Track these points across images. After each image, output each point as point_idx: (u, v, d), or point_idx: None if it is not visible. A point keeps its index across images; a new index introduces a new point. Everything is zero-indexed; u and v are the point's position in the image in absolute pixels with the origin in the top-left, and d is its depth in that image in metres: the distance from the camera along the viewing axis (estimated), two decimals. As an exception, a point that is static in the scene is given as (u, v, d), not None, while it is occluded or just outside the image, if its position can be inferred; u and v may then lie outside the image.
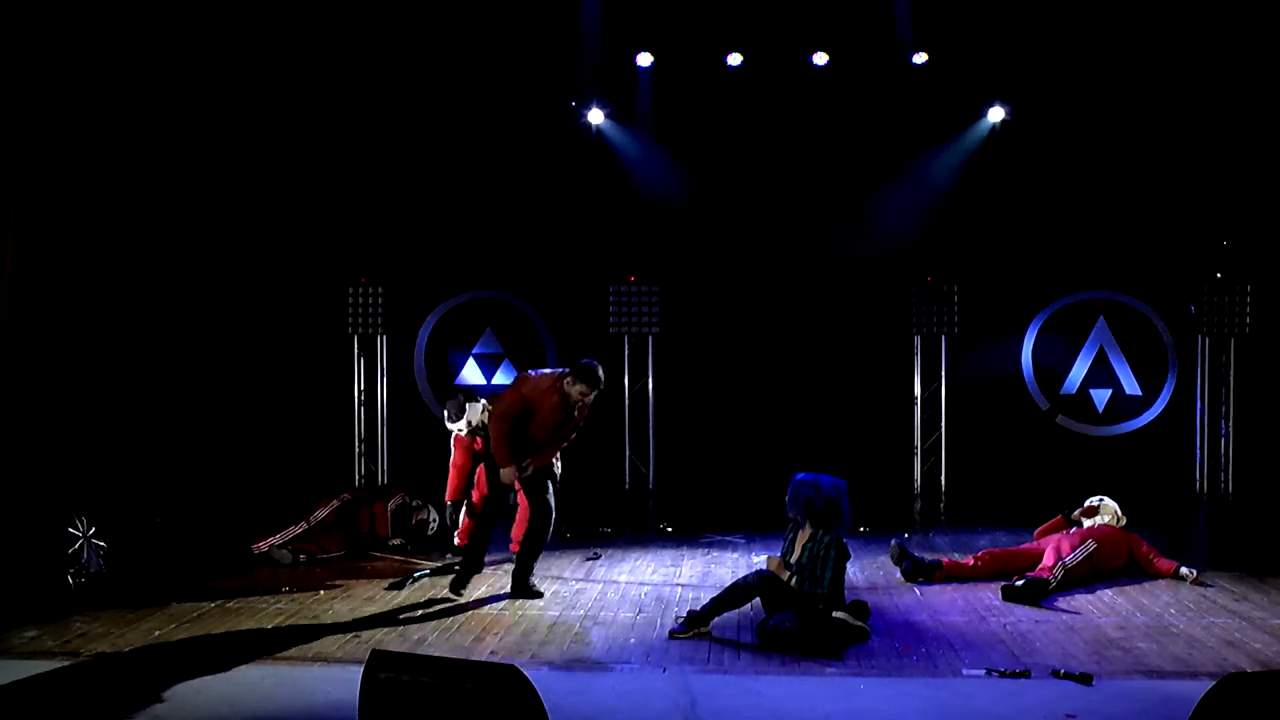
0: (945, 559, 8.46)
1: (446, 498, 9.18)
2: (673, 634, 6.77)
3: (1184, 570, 8.18)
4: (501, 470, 7.70)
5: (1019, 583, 7.68)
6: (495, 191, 13.28)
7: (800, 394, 13.31)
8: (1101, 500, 8.73)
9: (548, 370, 7.94)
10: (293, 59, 12.31)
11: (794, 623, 6.53)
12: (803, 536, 7.00)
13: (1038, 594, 7.60)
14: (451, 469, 9.15)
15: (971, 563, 8.34)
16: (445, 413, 9.19)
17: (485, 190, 13.29)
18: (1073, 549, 8.06)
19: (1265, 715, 3.31)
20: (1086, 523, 8.56)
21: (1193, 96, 12.43)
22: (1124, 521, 8.61)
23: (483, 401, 9.00)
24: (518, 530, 9.01)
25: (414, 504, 9.81)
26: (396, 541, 9.50)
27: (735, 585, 6.91)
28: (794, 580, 6.84)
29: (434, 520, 9.87)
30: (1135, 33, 12.22)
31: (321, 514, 9.29)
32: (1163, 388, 13.41)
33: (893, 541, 8.61)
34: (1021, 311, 13.53)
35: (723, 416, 13.34)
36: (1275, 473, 12.55)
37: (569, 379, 7.66)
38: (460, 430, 9.05)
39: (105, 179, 11.16)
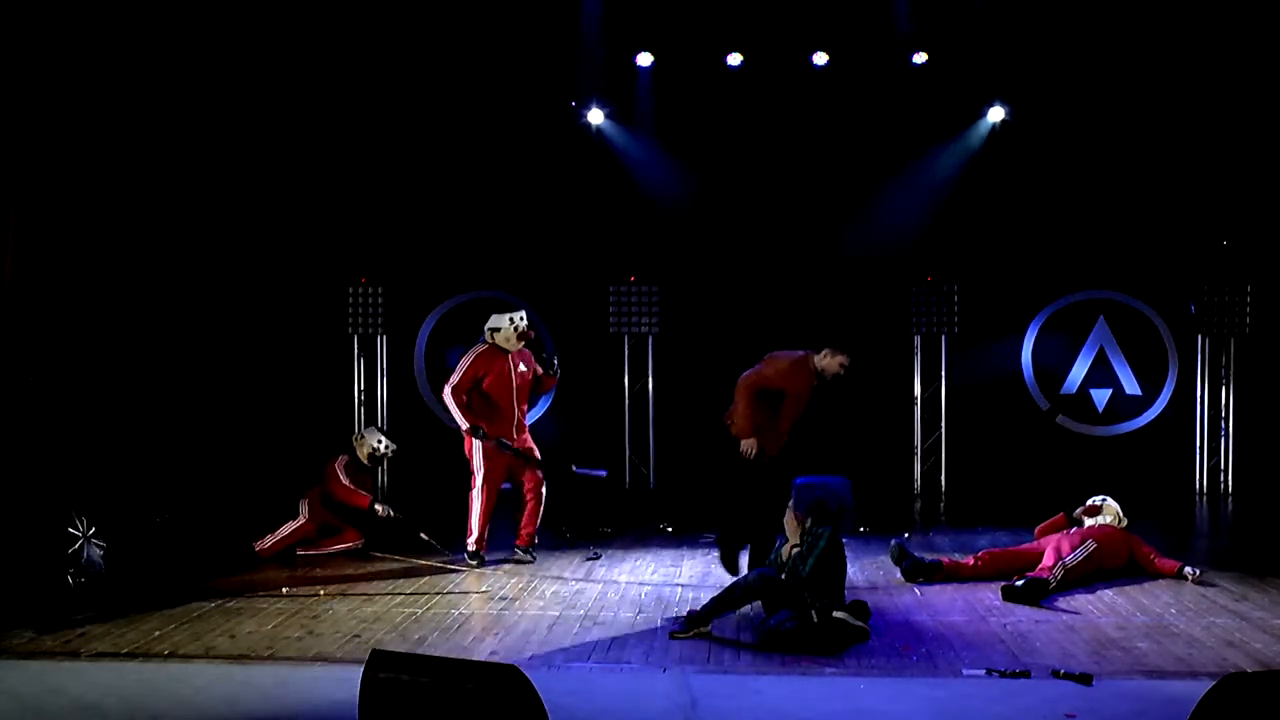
0: (945, 559, 8.46)
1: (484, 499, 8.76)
2: (673, 634, 6.76)
3: (1187, 570, 8.17)
4: (744, 441, 7.69)
5: (1019, 583, 7.68)
6: (495, 191, 13.29)
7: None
8: (1103, 500, 8.73)
9: (792, 352, 7.92)
10: (293, 59, 12.31)
11: (794, 623, 6.53)
12: (794, 531, 7.02)
13: (1038, 594, 7.60)
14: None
15: (971, 563, 8.34)
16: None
17: (485, 190, 13.30)
18: (1073, 549, 8.06)
19: (1265, 715, 3.31)
20: (1088, 522, 8.55)
21: (1192, 97, 12.43)
22: (1125, 522, 8.61)
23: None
24: (527, 525, 9.00)
25: (355, 443, 9.70)
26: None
27: (735, 585, 6.91)
28: (785, 574, 6.84)
29: (380, 442, 9.72)
30: (1135, 33, 12.22)
31: (304, 509, 9.37)
32: (1163, 387, 13.41)
33: (893, 541, 8.61)
34: (1021, 311, 13.53)
35: (723, 417, 13.31)
36: (1275, 472, 12.55)
37: (826, 353, 7.76)
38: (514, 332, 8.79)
39: (105, 179, 11.15)
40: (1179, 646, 6.55)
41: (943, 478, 13.28)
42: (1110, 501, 8.70)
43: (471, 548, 8.82)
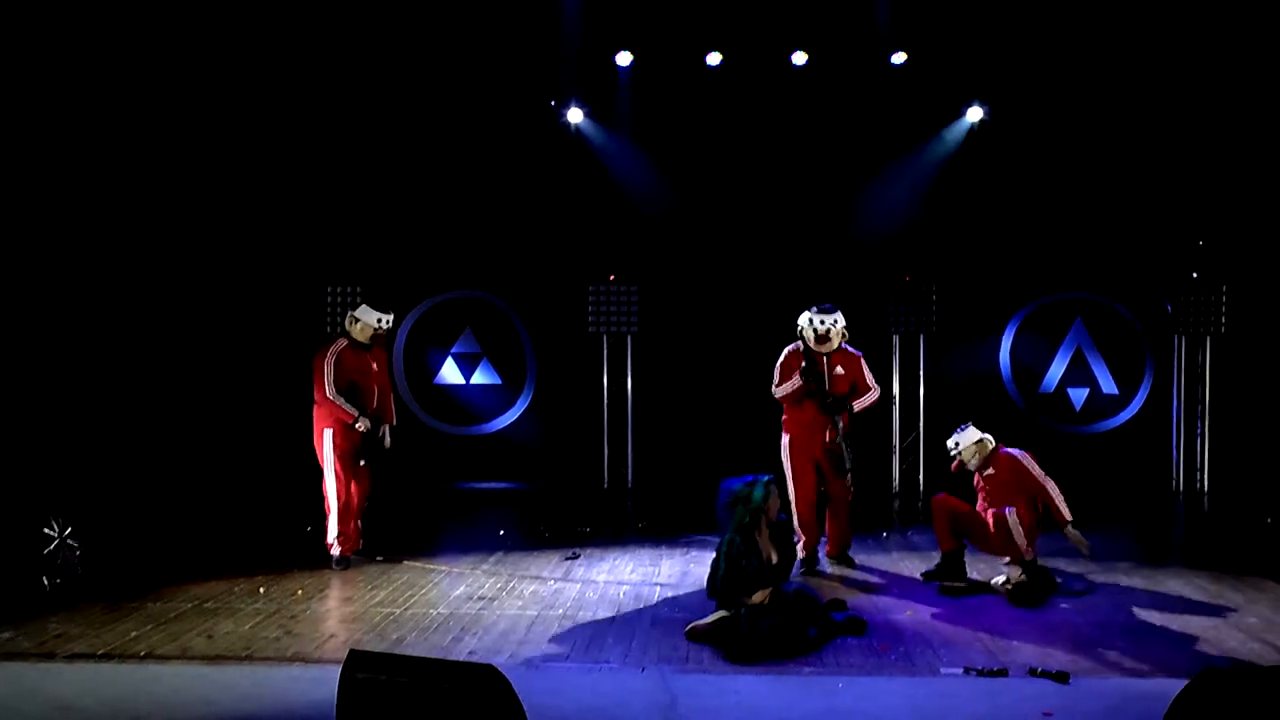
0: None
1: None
2: (689, 633, 6.69)
3: (1071, 530, 7.77)
4: None
5: (1018, 584, 7.72)
6: (475, 191, 13.25)
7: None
8: (956, 446, 8.30)
9: None
10: (273, 59, 12.24)
11: (845, 614, 6.84)
12: (765, 532, 7.07)
13: (1042, 591, 7.65)
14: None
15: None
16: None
17: (464, 189, 13.26)
18: (1012, 526, 7.85)
19: (1239, 711, 3.33)
20: (977, 479, 8.29)
21: (1170, 98, 12.50)
22: (991, 442, 8.27)
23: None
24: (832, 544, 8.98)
25: (349, 327, 9.01)
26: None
27: (753, 631, 6.48)
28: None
29: (380, 320, 9.04)
30: (1113, 34, 12.28)
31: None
32: (1139, 387, 13.49)
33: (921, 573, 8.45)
34: (999, 311, 13.58)
35: (701, 416, 13.33)
36: (1250, 471, 12.63)
37: None
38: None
39: (86, 181, 11.08)
40: (1155, 645, 6.59)
41: (921, 477, 13.30)
42: (964, 438, 8.30)
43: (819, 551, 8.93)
